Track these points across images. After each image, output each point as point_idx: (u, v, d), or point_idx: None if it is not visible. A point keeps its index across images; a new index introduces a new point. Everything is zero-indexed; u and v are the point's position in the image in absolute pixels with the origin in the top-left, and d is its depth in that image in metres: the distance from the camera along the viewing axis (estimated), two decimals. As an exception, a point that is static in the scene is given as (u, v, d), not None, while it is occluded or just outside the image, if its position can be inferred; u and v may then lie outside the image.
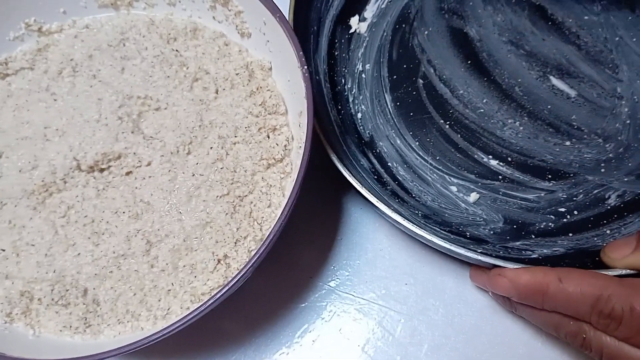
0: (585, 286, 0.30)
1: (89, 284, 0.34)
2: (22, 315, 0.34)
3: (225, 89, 0.39)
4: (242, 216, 0.35)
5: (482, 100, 0.44)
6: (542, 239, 0.38)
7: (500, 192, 0.40)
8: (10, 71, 0.40)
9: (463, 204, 0.40)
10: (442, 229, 0.38)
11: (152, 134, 0.37)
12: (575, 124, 0.42)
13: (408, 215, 0.35)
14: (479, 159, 0.42)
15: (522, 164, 0.41)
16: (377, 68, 0.46)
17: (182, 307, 0.34)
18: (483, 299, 0.39)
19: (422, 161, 0.42)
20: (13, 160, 0.36)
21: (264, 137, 0.37)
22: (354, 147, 0.42)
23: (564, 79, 0.44)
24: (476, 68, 0.45)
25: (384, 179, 0.41)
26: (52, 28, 0.41)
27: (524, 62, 0.45)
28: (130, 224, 0.35)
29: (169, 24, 0.41)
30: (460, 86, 0.44)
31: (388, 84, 0.45)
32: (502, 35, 0.46)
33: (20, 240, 0.34)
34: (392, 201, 0.39)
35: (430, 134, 0.43)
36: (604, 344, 0.30)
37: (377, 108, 0.44)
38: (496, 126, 0.43)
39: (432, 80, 0.45)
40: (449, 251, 0.34)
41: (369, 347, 0.39)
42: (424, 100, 0.44)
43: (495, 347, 0.38)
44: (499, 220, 0.39)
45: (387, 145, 0.43)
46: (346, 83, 0.45)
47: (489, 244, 0.38)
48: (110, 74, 0.39)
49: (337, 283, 0.41)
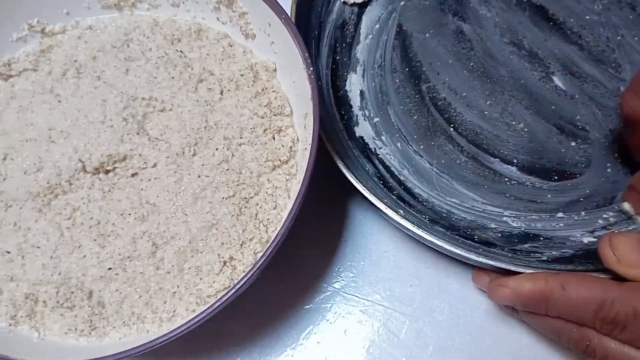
0: (587, 292, 0.30)
1: (95, 286, 0.34)
2: (27, 318, 0.33)
3: (230, 90, 0.39)
4: (248, 218, 0.35)
5: (486, 103, 0.44)
6: (551, 241, 0.38)
7: (507, 195, 0.40)
8: (13, 72, 0.40)
9: (470, 207, 0.40)
10: (450, 233, 0.38)
11: (157, 136, 0.37)
12: (579, 124, 0.42)
13: (416, 221, 0.35)
14: (485, 161, 0.42)
15: (528, 165, 0.41)
16: (379, 72, 0.46)
17: (188, 309, 0.33)
18: (488, 301, 0.39)
19: (428, 165, 0.42)
20: (18, 162, 0.36)
21: (270, 139, 0.37)
22: (358, 152, 0.42)
23: (567, 79, 0.44)
24: (478, 70, 0.45)
25: (390, 183, 0.41)
26: (55, 29, 0.41)
27: (526, 63, 0.45)
28: (136, 226, 0.34)
29: (173, 25, 0.41)
30: (464, 89, 0.44)
31: (391, 87, 0.45)
32: (504, 37, 0.46)
33: (25, 243, 0.34)
34: (399, 206, 0.39)
35: (435, 138, 0.43)
36: (608, 350, 0.30)
37: (380, 112, 0.44)
38: (501, 128, 0.43)
39: (435, 83, 0.45)
40: (459, 256, 0.34)
41: (373, 349, 0.39)
42: (427, 103, 0.44)
43: (500, 349, 0.38)
44: (507, 222, 0.39)
45: (391, 149, 0.43)
46: (349, 88, 0.45)
47: (497, 247, 0.38)
48: (115, 75, 0.39)
49: (341, 285, 0.40)
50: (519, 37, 0.46)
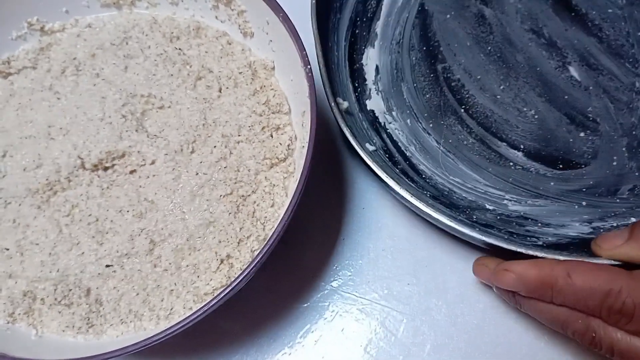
0: (594, 280, 0.29)
1: (92, 283, 0.34)
2: (25, 315, 0.34)
3: (229, 88, 0.39)
4: (245, 216, 0.35)
5: (499, 87, 0.44)
6: (548, 227, 0.38)
7: (511, 179, 0.41)
8: (13, 70, 0.40)
9: (472, 187, 0.40)
10: (449, 211, 0.39)
11: (156, 133, 0.37)
12: (590, 116, 0.43)
13: (417, 194, 0.35)
14: (492, 144, 0.42)
15: (534, 152, 0.41)
16: (397, 49, 0.46)
17: (185, 307, 0.34)
18: (486, 299, 0.39)
19: (435, 143, 0.42)
20: (17, 160, 0.36)
21: (268, 137, 0.37)
22: (367, 125, 0.43)
23: (583, 71, 0.44)
24: (495, 55, 0.45)
25: (395, 157, 0.42)
26: (54, 27, 0.41)
27: (544, 51, 0.45)
28: (134, 223, 0.34)
29: (172, 23, 0.41)
30: (479, 72, 0.45)
31: (407, 65, 0.45)
32: (524, 24, 0.46)
33: (24, 240, 0.34)
34: (401, 180, 0.39)
35: (445, 117, 0.43)
36: (614, 340, 0.29)
37: (393, 88, 0.44)
38: (512, 114, 0.43)
39: (450, 64, 0.45)
40: (454, 230, 0.34)
41: (371, 347, 0.39)
42: (441, 83, 0.44)
43: (498, 348, 0.38)
44: (506, 205, 0.40)
45: (400, 125, 0.43)
46: (365, 62, 0.46)
47: (495, 228, 0.38)
48: (114, 72, 0.39)
49: (339, 283, 0.41)
50: (540, 25, 0.46)
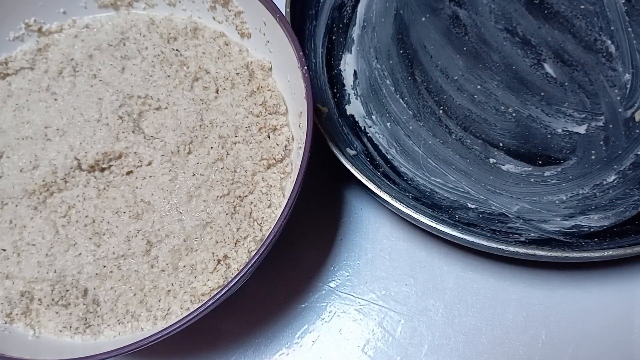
0: None
1: (89, 284, 0.34)
2: (22, 316, 0.34)
3: (226, 89, 0.39)
4: (242, 216, 0.35)
5: (477, 87, 0.45)
6: (530, 223, 0.39)
7: (491, 177, 0.41)
8: (10, 71, 0.40)
9: (454, 187, 0.41)
10: (431, 212, 0.39)
11: (152, 134, 0.37)
12: (567, 111, 0.43)
13: (398, 197, 0.36)
14: (472, 144, 0.42)
15: (513, 149, 0.42)
16: (374, 54, 0.46)
17: (182, 307, 0.34)
18: (483, 300, 0.39)
19: (415, 145, 0.43)
20: (14, 160, 0.36)
21: (265, 137, 0.37)
22: (347, 129, 0.43)
23: (558, 67, 0.45)
24: (471, 55, 0.46)
25: (377, 161, 0.42)
26: (52, 28, 0.41)
27: (518, 49, 0.46)
28: (130, 224, 0.34)
29: (169, 24, 0.41)
30: (455, 72, 0.45)
31: (385, 69, 0.46)
32: (498, 23, 0.47)
33: (21, 240, 0.34)
34: (383, 183, 0.40)
35: (425, 119, 0.44)
36: None
37: (372, 92, 0.45)
38: (490, 112, 0.44)
39: (427, 66, 0.46)
40: (436, 230, 0.35)
41: (369, 348, 0.39)
42: (419, 85, 0.45)
43: (495, 348, 0.38)
44: (488, 204, 0.40)
45: (380, 128, 0.43)
46: (343, 67, 0.46)
47: (477, 226, 0.39)
48: (111, 73, 0.39)
49: (337, 284, 0.41)
50: (513, 24, 0.47)
